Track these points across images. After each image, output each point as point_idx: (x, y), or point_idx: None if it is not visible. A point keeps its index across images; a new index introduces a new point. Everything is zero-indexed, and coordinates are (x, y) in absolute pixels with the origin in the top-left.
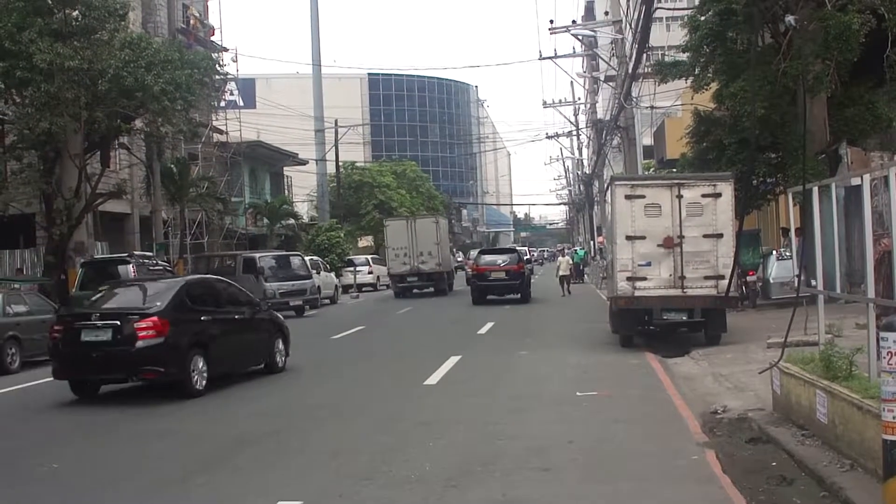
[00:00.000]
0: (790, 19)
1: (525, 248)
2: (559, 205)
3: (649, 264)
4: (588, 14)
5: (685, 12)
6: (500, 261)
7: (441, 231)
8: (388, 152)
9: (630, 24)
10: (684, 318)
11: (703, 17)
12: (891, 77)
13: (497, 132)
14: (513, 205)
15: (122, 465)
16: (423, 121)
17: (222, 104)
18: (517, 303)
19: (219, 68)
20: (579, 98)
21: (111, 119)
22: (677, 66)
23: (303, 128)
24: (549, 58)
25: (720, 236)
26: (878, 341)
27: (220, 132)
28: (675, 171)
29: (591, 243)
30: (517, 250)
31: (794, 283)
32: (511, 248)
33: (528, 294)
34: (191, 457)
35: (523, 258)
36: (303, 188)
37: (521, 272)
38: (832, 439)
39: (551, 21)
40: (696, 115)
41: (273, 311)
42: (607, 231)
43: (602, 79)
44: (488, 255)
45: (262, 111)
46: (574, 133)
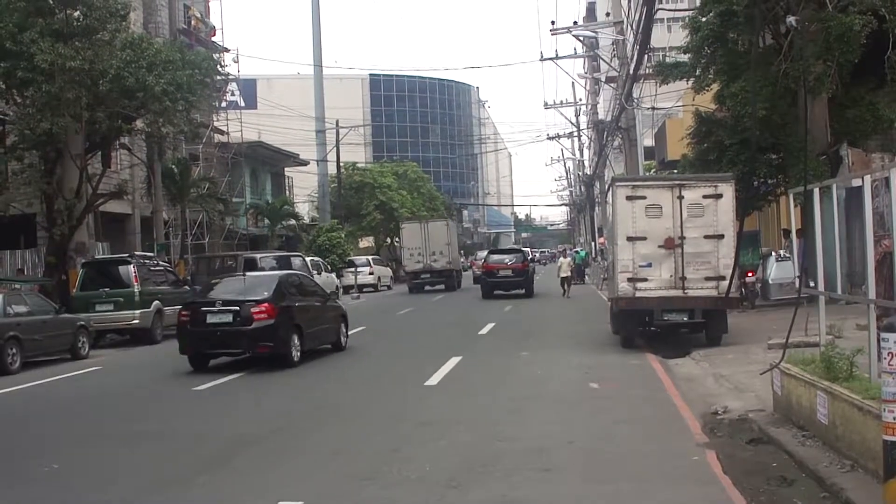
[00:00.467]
0: (791, 20)
1: (527, 248)
2: (560, 206)
3: (650, 265)
4: (589, 15)
5: (686, 13)
6: (507, 260)
7: (451, 233)
8: (390, 153)
9: (631, 25)
10: (685, 318)
11: (704, 19)
12: (892, 78)
13: (498, 133)
14: (514, 206)
15: (123, 465)
16: (424, 121)
17: (223, 105)
18: (518, 303)
19: (220, 69)
20: (580, 99)
21: (112, 119)
22: (678, 67)
23: (304, 128)
24: (551, 59)
25: (721, 237)
26: (878, 342)
27: (222, 133)
28: (676, 172)
29: (592, 244)
30: (522, 250)
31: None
32: (517, 249)
33: (531, 290)
34: (191, 457)
35: (527, 258)
36: (304, 189)
37: (525, 270)
38: (833, 440)
39: (552, 22)
40: (697, 116)
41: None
42: (608, 232)
43: (603, 80)
44: (496, 255)
45: (263, 112)
46: (575, 134)
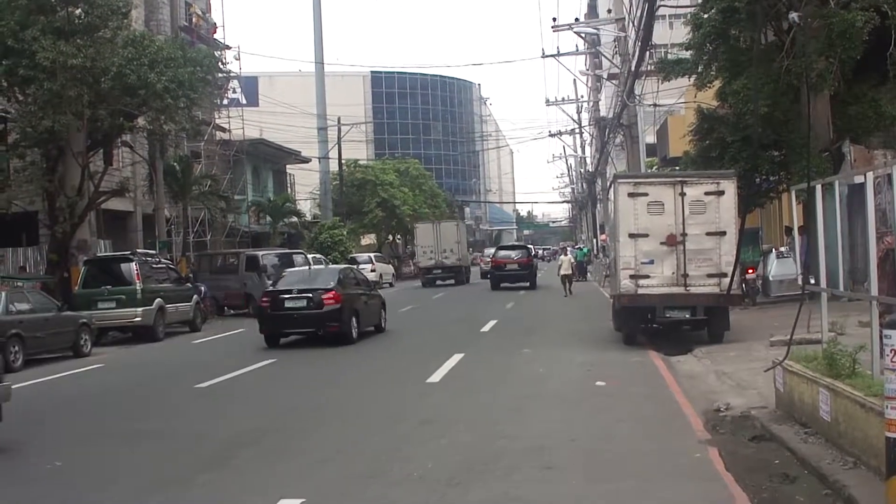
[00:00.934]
0: (793, 17)
1: (530, 245)
2: (562, 203)
3: (652, 262)
4: (591, 12)
5: (688, 10)
6: (514, 255)
7: (461, 232)
8: (391, 150)
9: (633, 22)
10: (687, 315)
11: (706, 15)
12: (894, 75)
13: (500, 130)
14: (515, 203)
15: (124, 463)
16: (425, 119)
17: (225, 102)
18: (520, 300)
19: (221, 66)
20: (582, 96)
21: (114, 117)
22: (680, 63)
23: (305, 126)
24: (552, 56)
25: (723, 234)
26: (881, 339)
27: (223, 130)
28: (678, 168)
29: (594, 241)
30: (527, 247)
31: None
32: (522, 245)
33: (535, 282)
34: (193, 455)
35: (531, 253)
36: (305, 186)
37: (529, 264)
38: (835, 437)
39: (554, 19)
40: (699, 113)
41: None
42: (610, 229)
43: (605, 77)
44: (503, 251)
45: (265, 109)
46: (577, 131)
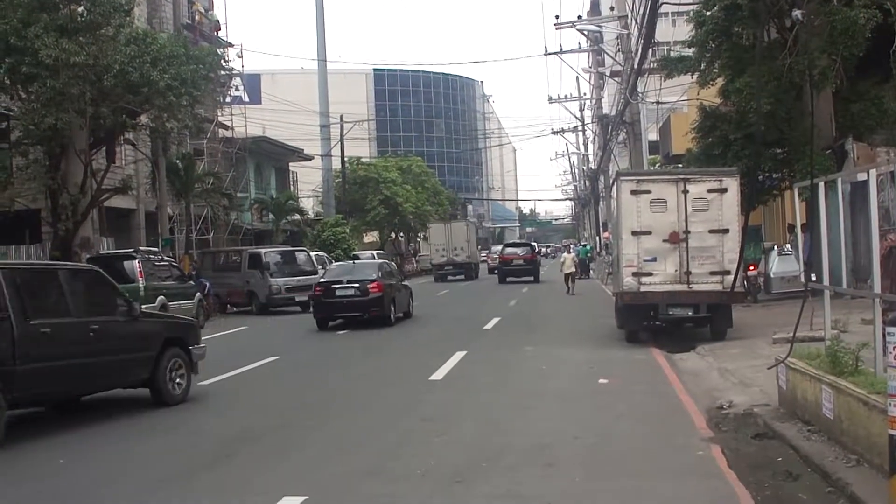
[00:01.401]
0: (796, 14)
1: (534, 243)
2: (565, 200)
3: (655, 259)
4: (593, 9)
5: (691, 7)
6: (519, 251)
7: (470, 231)
8: (394, 148)
9: (636, 20)
10: (690, 313)
11: (708, 13)
12: None
13: (502, 128)
14: (518, 200)
15: (126, 461)
16: (428, 116)
17: (228, 100)
18: (523, 297)
19: (224, 64)
20: (585, 93)
21: (116, 115)
22: (683, 61)
23: (308, 123)
24: (555, 53)
25: (726, 231)
26: (884, 336)
27: (226, 128)
28: (680, 166)
29: (597, 239)
30: (531, 244)
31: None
32: (527, 243)
33: (538, 276)
34: (196, 452)
35: (535, 250)
36: (308, 184)
37: (533, 260)
38: (838, 435)
39: (557, 16)
40: (702, 111)
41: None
42: (613, 226)
43: (608, 74)
44: (510, 248)
45: (268, 107)
46: (580, 128)
